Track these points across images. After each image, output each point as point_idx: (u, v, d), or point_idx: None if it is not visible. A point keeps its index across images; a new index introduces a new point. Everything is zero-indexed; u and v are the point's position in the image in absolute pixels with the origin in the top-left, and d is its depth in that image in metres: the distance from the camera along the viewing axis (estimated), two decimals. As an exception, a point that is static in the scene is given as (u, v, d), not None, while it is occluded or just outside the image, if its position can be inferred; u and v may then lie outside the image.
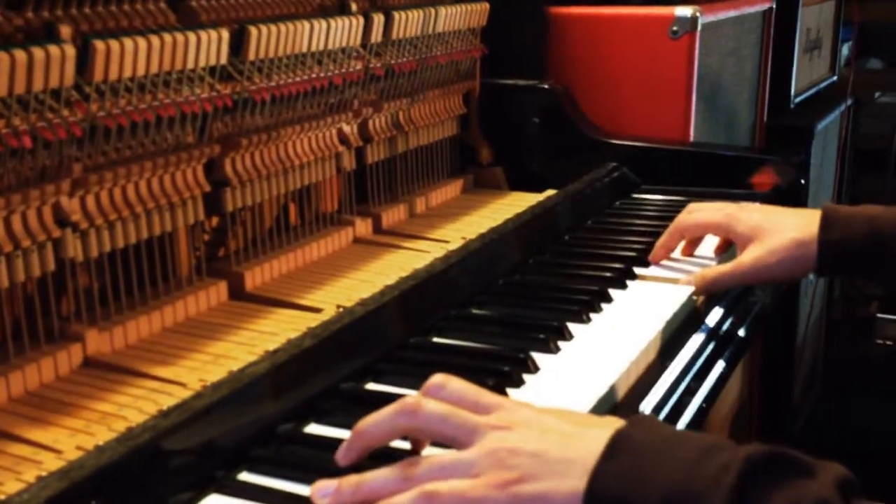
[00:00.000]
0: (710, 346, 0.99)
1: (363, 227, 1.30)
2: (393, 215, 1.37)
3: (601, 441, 0.59)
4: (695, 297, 1.05)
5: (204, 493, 0.66)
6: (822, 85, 2.66)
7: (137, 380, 0.86)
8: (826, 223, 0.99)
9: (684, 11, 1.61)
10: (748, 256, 1.02)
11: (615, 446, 0.59)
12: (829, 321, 2.84)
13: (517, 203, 1.46)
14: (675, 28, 1.64)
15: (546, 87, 1.58)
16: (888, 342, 3.06)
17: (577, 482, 0.57)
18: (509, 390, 0.79)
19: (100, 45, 0.85)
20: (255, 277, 1.10)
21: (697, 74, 1.67)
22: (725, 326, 1.05)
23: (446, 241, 1.27)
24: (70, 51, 0.82)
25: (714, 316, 1.05)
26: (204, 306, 1.03)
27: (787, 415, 2.46)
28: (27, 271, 0.85)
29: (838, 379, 2.87)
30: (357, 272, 1.16)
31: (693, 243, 1.16)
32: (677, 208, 1.36)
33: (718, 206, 1.12)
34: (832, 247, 0.98)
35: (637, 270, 1.11)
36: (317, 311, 1.03)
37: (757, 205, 1.16)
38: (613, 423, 0.61)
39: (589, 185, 1.41)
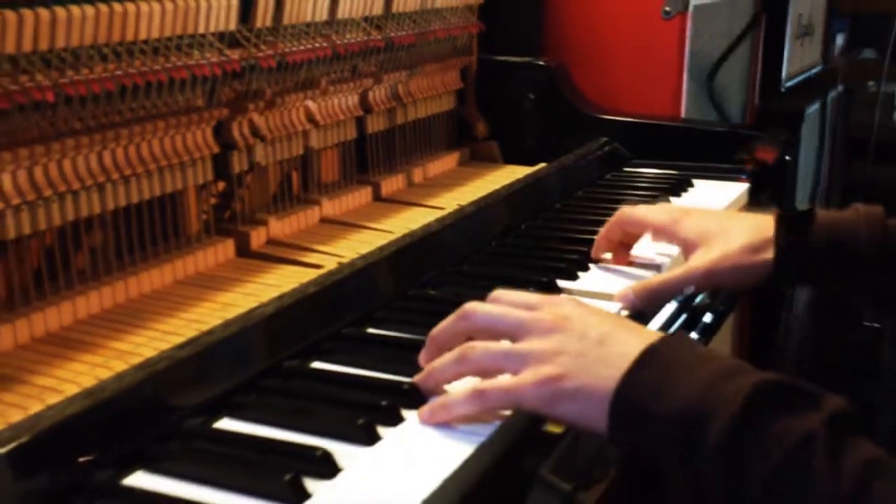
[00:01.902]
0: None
1: (363, 195, 1.35)
2: (392, 184, 1.42)
3: (635, 350, 0.66)
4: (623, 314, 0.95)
5: (216, 416, 0.72)
6: (813, 71, 2.71)
7: (152, 323, 0.91)
8: (781, 228, 0.94)
9: (677, -7, 1.66)
10: (698, 261, 0.95)
11: (645, 359, 0.65)
12: (817, 304, 2.90)
13: (511, 175, 1.51)
14: (667, 8, 1.69)
15: (541, 63, 1.63)
16: (876, 325, 3.12)
17: (609, 383, 0.65)
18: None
19: (118, 7, 0.90)
20: (261, 236, 1.16)
21: (689, 54, 1.72)
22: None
23: (441, 208, 1.33)
24: (90, 11, 0.87)
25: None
26: (212, 262, 1.09)
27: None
28: (48, 221, 0.90)
29: (826, 362, 2.93)
30: (357, 233, 1.21)
31: (627, 245, 1.07)
32: (666, 181, 1.43)
33: (664, 208, 1.09)
34: (790, 251, 0.93)
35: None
36: (318, 267, 1.08)
37: (703, 209, 1.09)
38: (649, 335, 0.68)
39: (581, 158, 1.47)
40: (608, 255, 1.07)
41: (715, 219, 1.00)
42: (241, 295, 0.99)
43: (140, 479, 0.64)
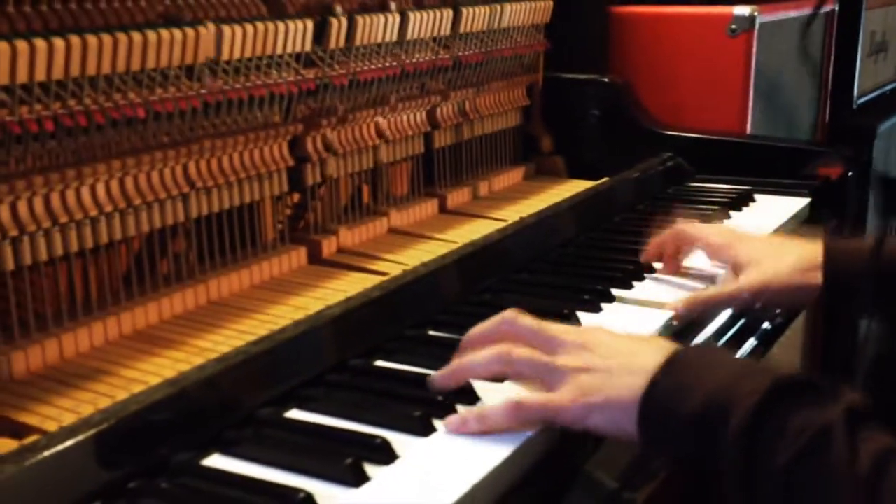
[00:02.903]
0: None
1: (430, 206, 1.41)
2: (458, 197, 1.48)
3: (658, 360, 0.70)
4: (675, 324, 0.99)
5: (286, 407, 0.78)
6: (888, 87, 2.69)
7: (230, 323, 0.98)
8: (830, 254, 0.98)
9: (742, 10, 1.69)
10: (750, 279, 1.00)
11: (668, 367, 0.70)
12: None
13: (575, 189, 1.55)
14: (733, 26, 1.72)
15: (606, 80, 1.67)
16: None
17: (636, 392, 0.69)
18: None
19: (203, 30, 0.97)
20: (331, 245, 1.22)
21: (755, 71, 1.74)
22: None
23: (504, 220, 1.38)
24: (176, 34, 0.95)
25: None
26: (286, 268, 1.16)
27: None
28: (137, 228, 0.98)
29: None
30: (422, 243, 1.27)
31: (678, 257, 1.11)
32: (727, 195, 1.45)
33: (720, 229, 1.13)
34: (838, 277, 0.97)
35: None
36: (384, 274, 1.14)
37: (757, 234, 1.13)
38: (672, 348, 0.72)
39: (643, 173, 1.50)
40: (658, 265, 1.11)
41: (768, 243, 1.06)
42: (311, 299, 1.06)
43: (216, 461, 0.70)
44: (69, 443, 0.64)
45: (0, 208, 0.85)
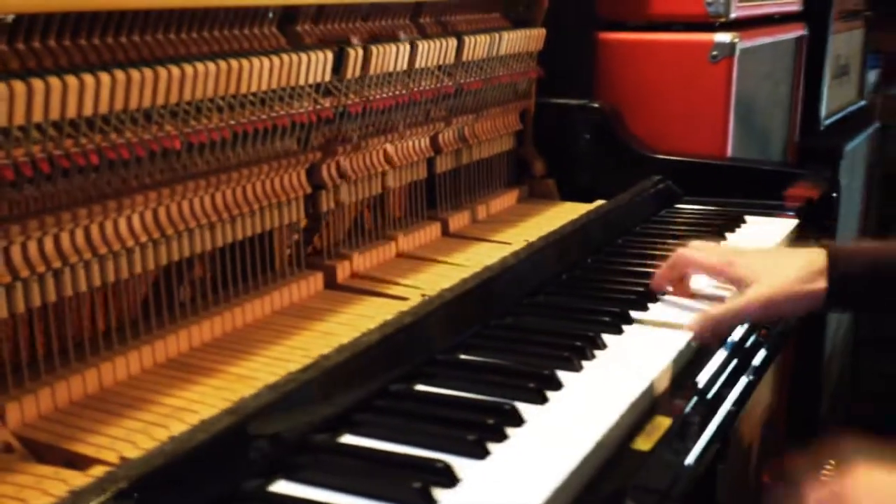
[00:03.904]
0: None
1: (433, 230, 1.44)
2: (458, 220, 1.51)
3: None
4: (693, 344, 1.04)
5: (339, 432, 0.80)
6: (850, 109, 2.78)
7: (261, 350, 1.00)
8: (833, 261, 1.04)
9: (723, 37, 1.75)
10: (756, 293, 1.04)
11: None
12: (857, 336, 2.94)
13: (568, 211, 1.60)
14: (714, 53, 1.77)
15: (596, 105, 1.72)
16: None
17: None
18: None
19: (234, 63, 0.99)
20: (345, 270, 1.24)
21: (735, 96, 1.80)
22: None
23: (508, 243, 1.41)
24: (211, 67, 0.97)
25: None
26: (304, 294, 1.17)
27: (814, 425, 2.57)
28: (168, 256, 0.99)
29: (866, 393, 2.97)
30: (432, 266, 1.30)
31: (685, 281, 1.16)
32: (719, 217, 1.50)
33: (718, 250, 1.17)
34: (841, 283, 1.03)
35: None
36: (403, 299, 1.17)
37: (754, 248, 1.19)
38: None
39: (637, 196, 1.54)
40: (669, 288, 1.15)
41: (767, 256, 1.12)
42: (336, 324, 1.08)
43: (283, 487, 0.72)
44: (146, 470, 0.66)
45: (45, 240, 0.86)
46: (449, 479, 0.71)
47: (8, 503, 0.71)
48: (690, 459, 0.84)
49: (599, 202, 1.59)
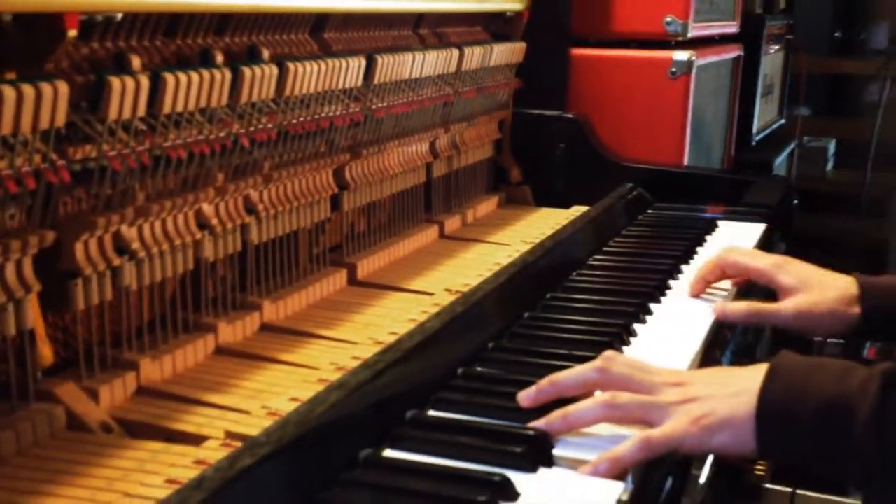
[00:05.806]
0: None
1: (431, 233, 1.51)
2: (452, 223, 1.58)
3: (759, 373, 0.78)
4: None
5: (424, 409, 0.85)
6: (775, 126, 2.97)
7: (315, 339, 1.05)
8: (865, 289, 1.06)
9: (682, 55, 1.88)
10: (793, 303, 1.07)
11: (772, 373, 0.77)
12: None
13: (547, 217, 1.70)
14: (673, 69, 1.90)
15: (570, 116, 1.82)
16: None
17: (749, 407, 0.76)
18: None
19: (291, 66, 1.05)
20: (365, 267, 1.30)
21: (691, 110, 1.93)
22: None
23: (507, 244, 1.49)
24: (273, 70, 1.02)
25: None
26: (331, 290, 1.23)
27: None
28: (215, 253, 1.04)
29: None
30: (444, 264, 1.37)
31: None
32: (692, 220, 1.61)
33: (765, 255, 1.18)
34: (876, 310, 1.05)
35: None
36: (425, 294, 1.23)
37: (800, 261, 1.18)
38: (758, 365, 0.80)
39: (617, 201, 1.64)
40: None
41: (813, 271, 1.13)
42: (377, 317, 1.14)
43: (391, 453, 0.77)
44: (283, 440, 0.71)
45: (144, 226, 0.90)
46: (509, 492, 0.71)
47: (135, 476, 0.75)
48: None
49: (577, 207, 1.70)
